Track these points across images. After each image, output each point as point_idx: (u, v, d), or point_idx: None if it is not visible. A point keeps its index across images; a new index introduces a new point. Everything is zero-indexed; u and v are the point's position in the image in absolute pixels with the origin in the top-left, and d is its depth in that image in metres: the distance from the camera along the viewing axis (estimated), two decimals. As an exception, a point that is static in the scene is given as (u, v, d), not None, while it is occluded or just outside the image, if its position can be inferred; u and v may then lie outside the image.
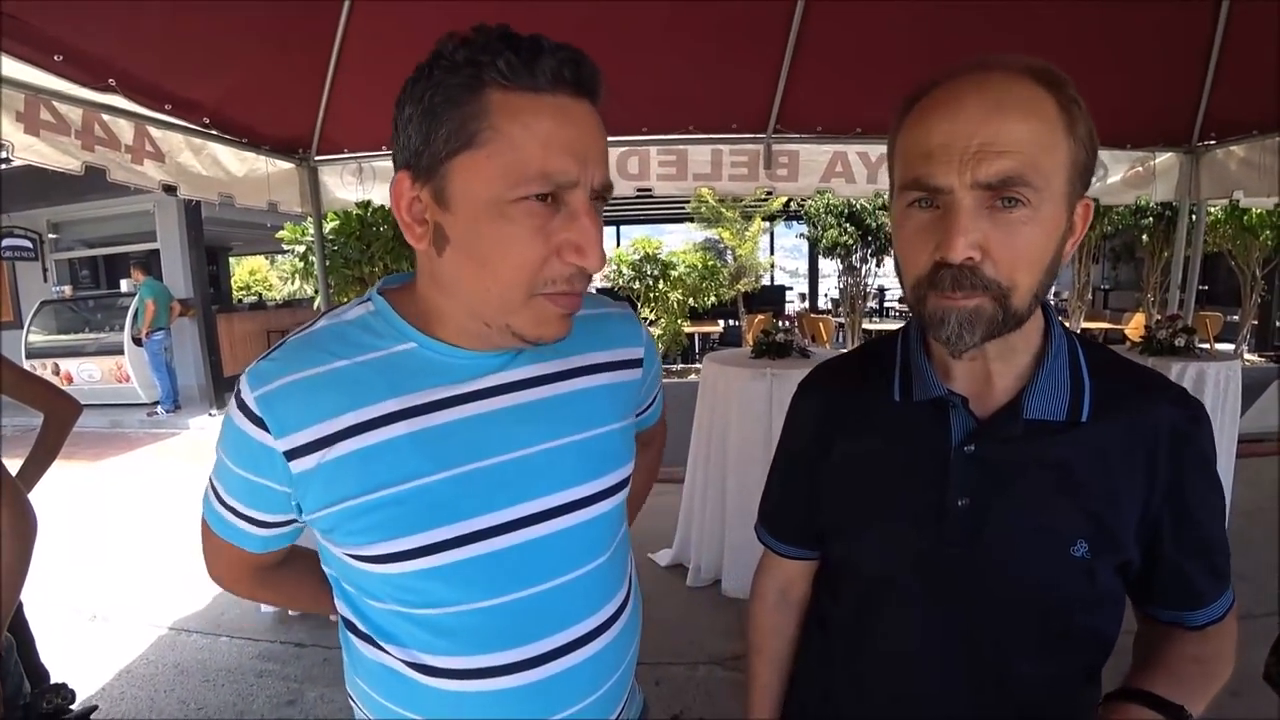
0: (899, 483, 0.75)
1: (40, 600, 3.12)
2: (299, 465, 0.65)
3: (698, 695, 2.39)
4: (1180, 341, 3.18)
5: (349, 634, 0.77)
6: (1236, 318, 9.54)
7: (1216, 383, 3.01)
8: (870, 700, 0.82)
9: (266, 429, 0.64)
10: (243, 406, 0.66)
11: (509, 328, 0.65)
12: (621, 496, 0.79)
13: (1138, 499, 0.69)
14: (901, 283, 0.69)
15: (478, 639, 0.70)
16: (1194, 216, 3.84)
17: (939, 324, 0.64)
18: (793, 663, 0.94)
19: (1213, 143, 3.43)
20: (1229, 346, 9.12)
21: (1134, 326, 8.23)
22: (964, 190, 0.58)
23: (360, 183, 3.43)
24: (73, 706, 1.30)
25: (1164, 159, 3.52)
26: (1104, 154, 3.48)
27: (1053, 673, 0.73)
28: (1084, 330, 9.79)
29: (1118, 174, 3.53)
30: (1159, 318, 3.52)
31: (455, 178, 0.60)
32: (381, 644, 0.72)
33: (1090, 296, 10.45)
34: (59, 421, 1.73)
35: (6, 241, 9.29)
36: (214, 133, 2.84)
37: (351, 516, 0.66)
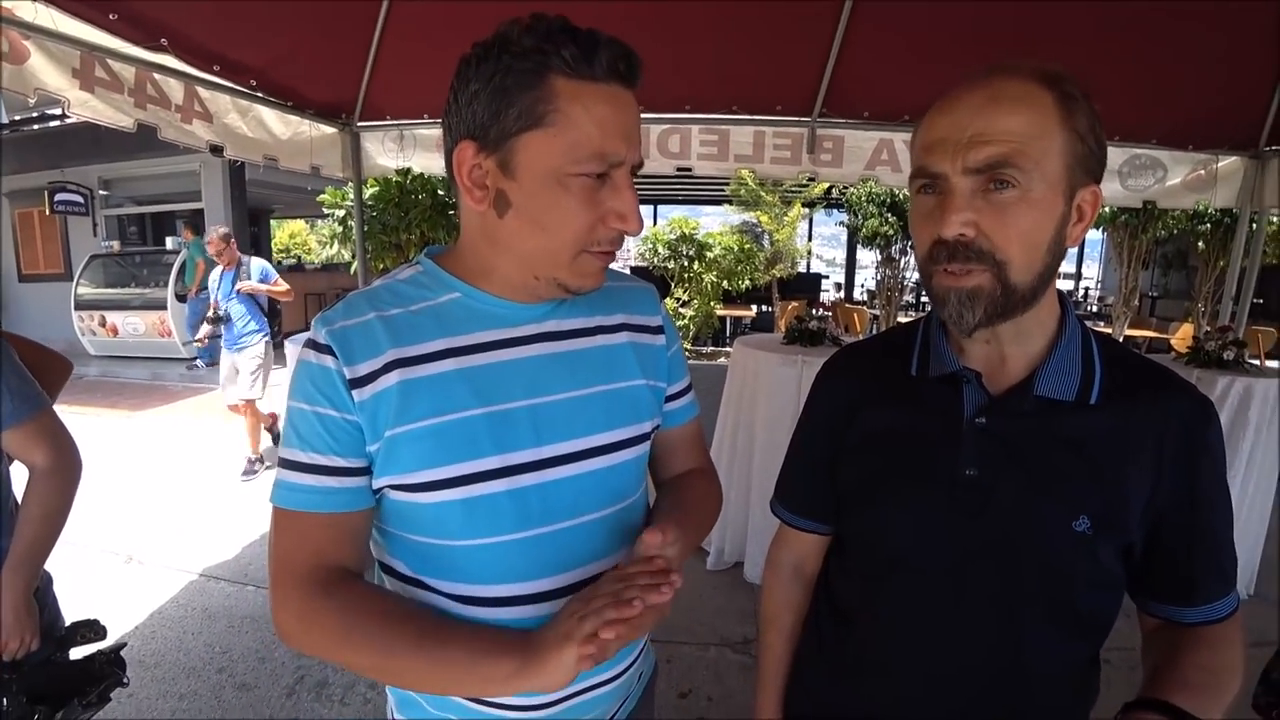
0: (912, 453, 0.79)
1: (80, 541, 3.25)
2: (360, 394, 0.71)
3: (707, 675, 2.41)
4: (1229, 354, 3.05)
5: (391, 580, 0.81)
6: (1291, 333, 9.15)
7: (1264, 399, 2.89)
8: (879, 677, 0.82)
9: (335, 355, 0.71)
10: (313, 345, 0.73)
11: (555, 280, 0.74)
12: (642, 450, 0.85)
13: (1145, 484, 0.71)
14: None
15: (508, 568, 0.76)
16: (1254, 225, 3.68)
17: (942, 302, 0.70)
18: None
19: (1280, 148, 3.27)
20: (1280, 363, 8.77)
21: (1180, 337, 7.87)
22: (957, 175, 0.65)
23: (401, 150, 3.45)
24: (103, 642, 1.36)
25: (1227, 163, 3.37)
26: (1163, 154, 3.35)
27: (1063, 651, 0.75)
28: (1126, 338, 9.48)
29: (1177, 176, 3.39)
30: (1208, 329, 3.38)
31: (522, 151, 0.68)
32: (424, 579, 0.77)
33: (1136, 303, 10.09)
34: (47, 381, 1.61)
35: (59, 196, 9.60)
36: (260, 95, 2.88)
37: (401, 443, 0.71)
